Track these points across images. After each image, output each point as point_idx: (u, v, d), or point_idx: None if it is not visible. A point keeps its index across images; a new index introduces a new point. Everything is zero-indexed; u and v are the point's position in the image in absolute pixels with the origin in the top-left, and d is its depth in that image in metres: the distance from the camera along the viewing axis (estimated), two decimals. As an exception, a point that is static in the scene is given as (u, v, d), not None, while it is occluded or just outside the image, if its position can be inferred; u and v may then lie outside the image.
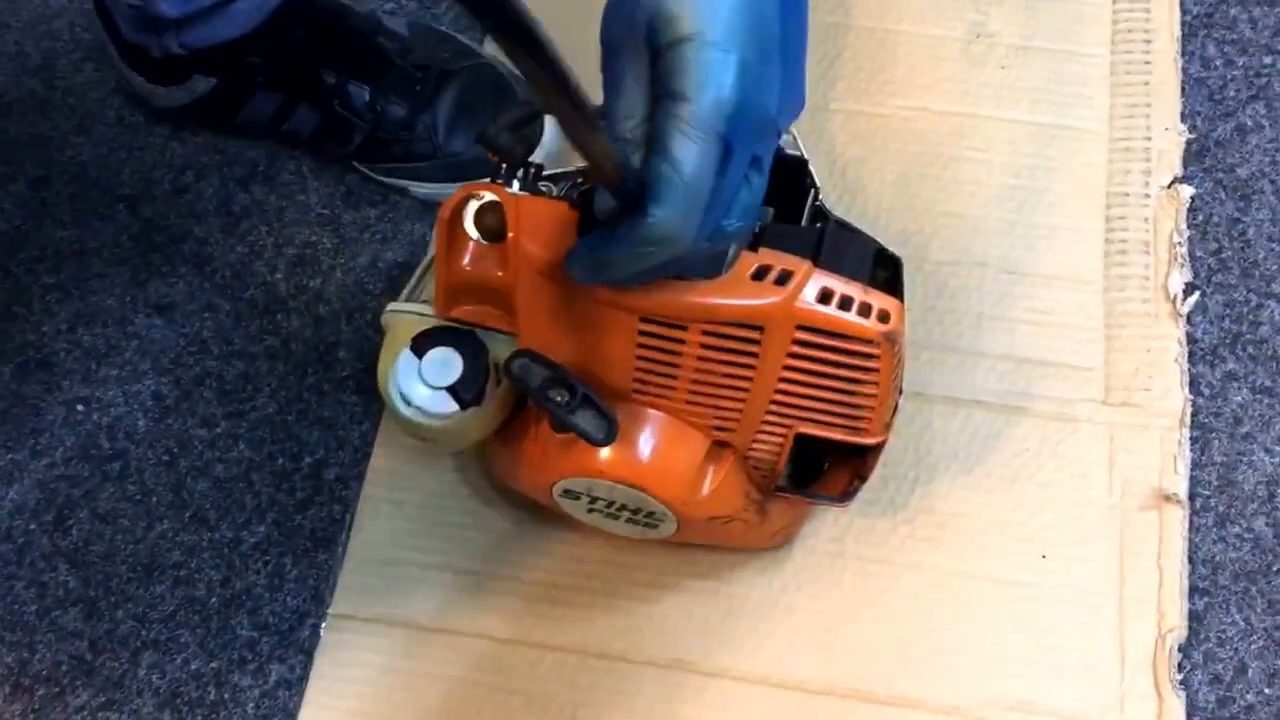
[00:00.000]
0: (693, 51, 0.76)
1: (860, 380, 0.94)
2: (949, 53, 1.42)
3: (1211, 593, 1.19)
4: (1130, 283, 1.30)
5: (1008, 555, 1.20)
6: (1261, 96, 1.40)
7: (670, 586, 1.20)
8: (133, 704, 1.19)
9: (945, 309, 1.29)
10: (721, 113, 0.76)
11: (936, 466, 1.23)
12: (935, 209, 1.34)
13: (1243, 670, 1.16)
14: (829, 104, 1.39)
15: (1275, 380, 1.27)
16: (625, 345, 0.95)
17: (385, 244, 1.36)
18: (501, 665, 1.18)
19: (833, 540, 1.21)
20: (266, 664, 1.20)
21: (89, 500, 1.26)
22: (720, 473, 1.03)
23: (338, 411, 1.28)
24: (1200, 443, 1.24)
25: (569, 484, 1.04)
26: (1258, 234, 1.33)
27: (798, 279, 0.90)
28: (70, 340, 1.33)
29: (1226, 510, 1.22)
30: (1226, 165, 1.37)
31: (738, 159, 0.79)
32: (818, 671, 1.17)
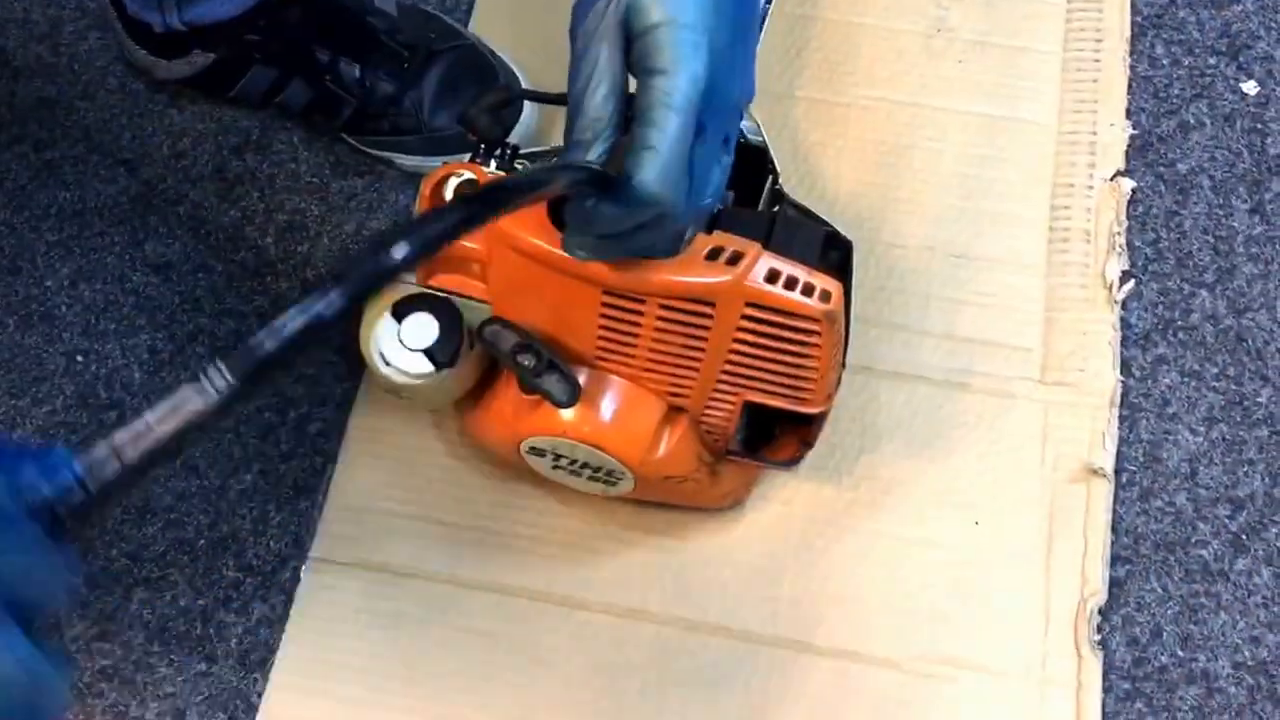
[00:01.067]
0: (668, 34, 0.82)
1: (803, 354, 1.00)
2: (910, 46, 1.46)
3: (1133, 561, 1.25)
4: (1071, 269, 1.35)
5: (944, 521, 1.25)
6: (1204, 95, 1.45)
7: (628, 541, 1.25)
8: (124, 636, 1.24)
9: (895, 289, 1.34)
10: (696, 89, 0.82)
11: (881, 437, 1.28)
12: (889, 195, 1.38)
13: (1158, 634, 1.22)
14: (794, 91, 1.44)
15: (1203, 365, 1.32)
16: (589, 316, 1.01)
17: (371, 213, 1.40)
18: (469, 608, 1.23)
19: (781, 503, 1.26)
20: (250, 603, 1.25)
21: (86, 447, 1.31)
22: (675, 435, 1.08)
23: (322, 369, 1.33)
24: (1129, 421, 1.30)
25: (535, 442, 1.09)
26: (1193, 227, 1.38)
27: (748, 260, 0.96)
28: (71, 295, 1.37)
29: (1150, 485, 1.28)
30: (1167, 160, 1.42)
31: (710, 136, 0.86)
32: (764, 623, 1.22)
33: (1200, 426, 1.30)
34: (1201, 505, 1.27)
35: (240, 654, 1.23)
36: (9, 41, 1.51)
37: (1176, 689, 1.21)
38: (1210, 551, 1.26)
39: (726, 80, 0.86)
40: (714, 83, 0.84)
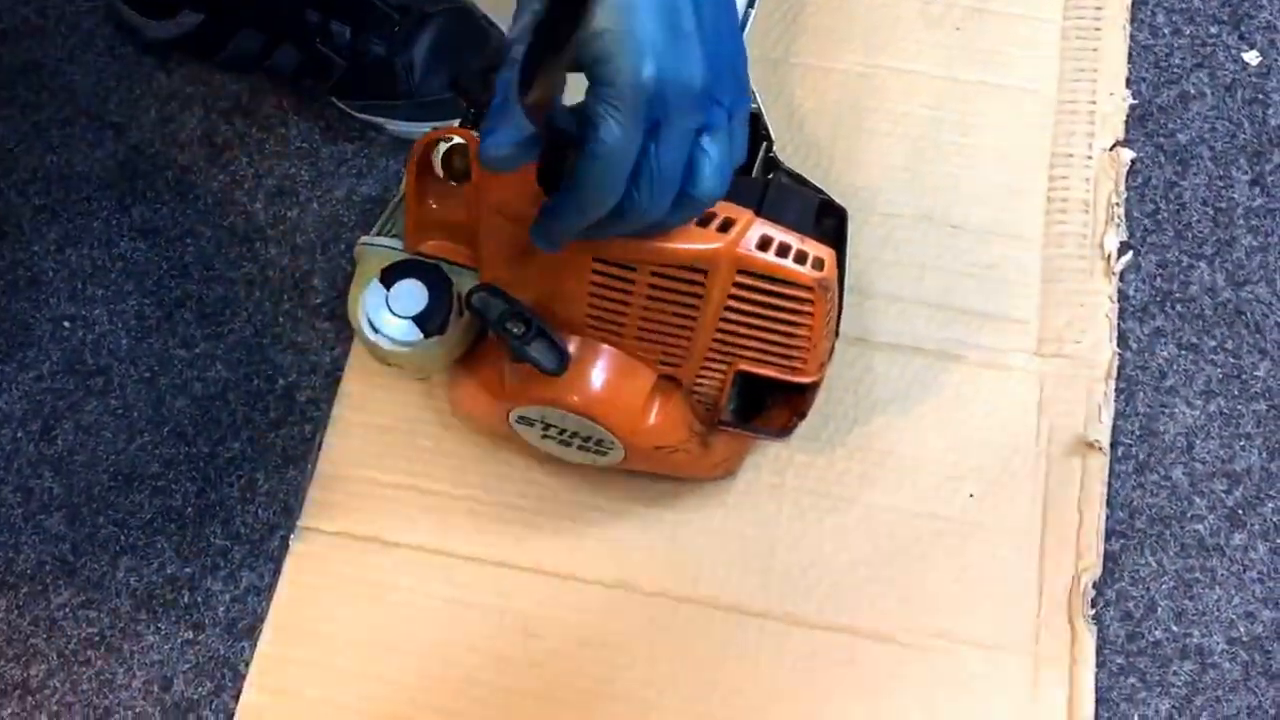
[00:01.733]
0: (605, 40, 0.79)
1: (796, 322, 0.99)
2: (907, 12, 1.45)
3: (1128, 535, 1.24)
4: (1068, 240, 1.34)
5: (938, 493, 1.24)
6: (1205, 65, 1.44)
7: (619, 512, 1.25)
8: (111, 603, 1.23)
9: (890, 259, 1.33)
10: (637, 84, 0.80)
11: (875, 408, 1.28)
12: (885, 162, 1.38)
13: (1152, 608, 1.22)
14: (790, 58, 1.43)
15: (1200, 338, 1.32)
16: (579, 283, 1.00)
17: (360, 178, 1.39)
18: (458, 579, 1.23)
19: (773, 473, 1.25)
20: (238, 571, 1.24)
21: (73, 412, 1.30)
22: (666, 405, 1.08)
23: (310, 337, 1.32)
24: (1125, 394, 1.29)
25: (524, 411, 1.09)
26: (1193, 198, 1.38)
27: (740, 226, 0.95)
28: (58, 260, 1.37)
29: (1146, 459, 1.27)
30: (1167, 130, 1.41)
31: (673, 131, 0.83)
32: (755, 595, 1.22)
33: (1197, 400, 1.29)
34: (1198, 479, 1.26)
35: (228, 622, 1.23)
36: (-3, 4, 1.50)
37: (1170, 664, 1.20)
38: (1206, 526, 1.25)
39: (678, 74, 0.82)
40: (662, 76, 0.81)
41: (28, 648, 1.22)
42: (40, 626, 1.23)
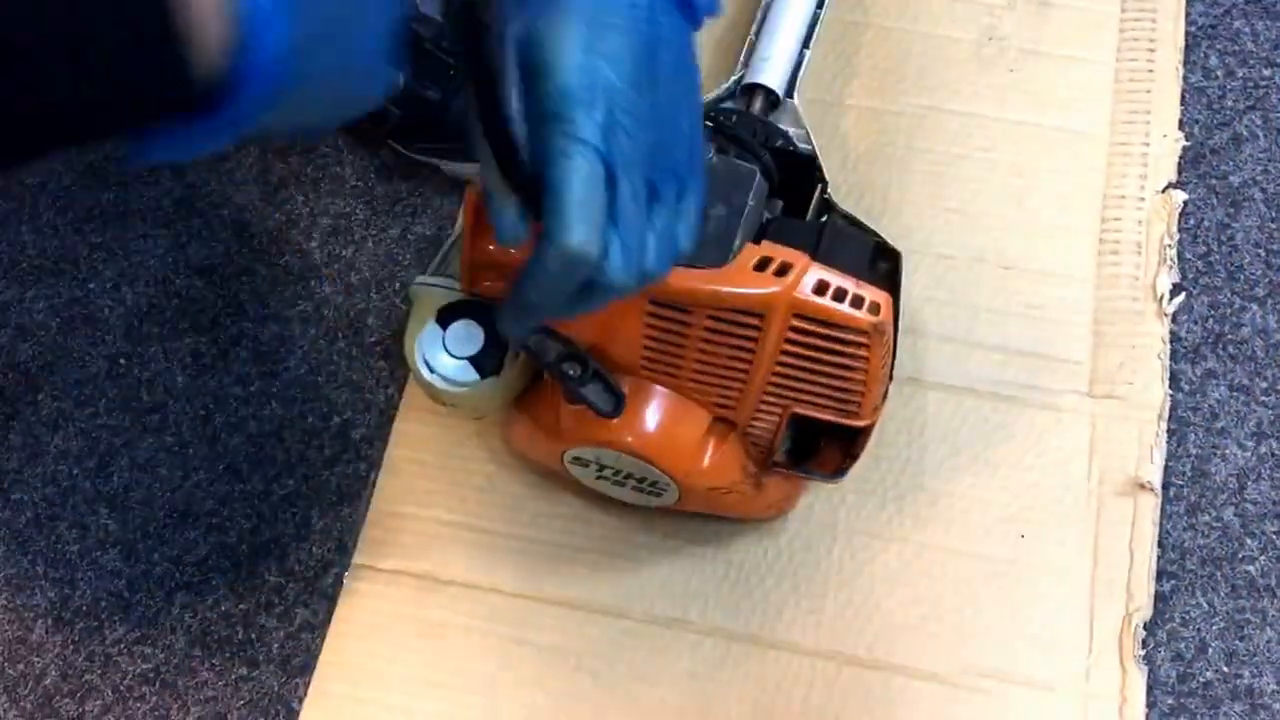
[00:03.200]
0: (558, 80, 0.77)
1: (851, 366, 1.00)
2: (961, 54, 1.46)
3: (1179, 576, 1.24)
4: (1121, 281, 1.34)
5: (989, 534, 1.24)
6: (1258, 107, 1.44)
7: (671, 550, 1.25)
8: (166, 640, 1.24)
9: (944, 300, 1.33)
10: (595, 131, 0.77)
11: (927, 449, 1.28)
12: (939, 204, 1.38)
13: (1203, 649, 1.22)
14: (844, 99, 1.43)
15: (1252, 379, 1.31)
16: (635, 325, 1.00)
17: (415, 217, 1.40)
18: (511, 617, 1.23)
19: (826, 514, 1.26)
20: (292, 608, 1.25)
21: (129, 449, 1.31)
22: (720, 447, 1.08)
23: (365, 375, 1.33)
24: (1177, 435, 1.29)
25: (579, 452, 1.09)
26: (1245, 240, 1.38)
27: (796, 271, 0.96)
28: (114, 298, 1.37)
29: (1198, 500, 1.27)
30: (1220, 173, 1.41)
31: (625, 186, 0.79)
32: (806, 634, 1.22)
33: (1249, 442, 1.29)
34: (1249, 521, 1.26)
35: (282, 659, 1.23)
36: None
37: (1221, 705, 1.20)
38: (1257, 567, 1.25)
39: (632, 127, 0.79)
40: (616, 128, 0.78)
41: (83, 684, 1.23)
42: (95, 662, 1.24)
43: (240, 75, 0.59)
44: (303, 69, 0.61)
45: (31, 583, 1.27)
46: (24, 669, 1.24)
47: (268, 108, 0.61)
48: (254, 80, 0.59)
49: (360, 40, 0.69)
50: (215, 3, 0.57)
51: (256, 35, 0.58)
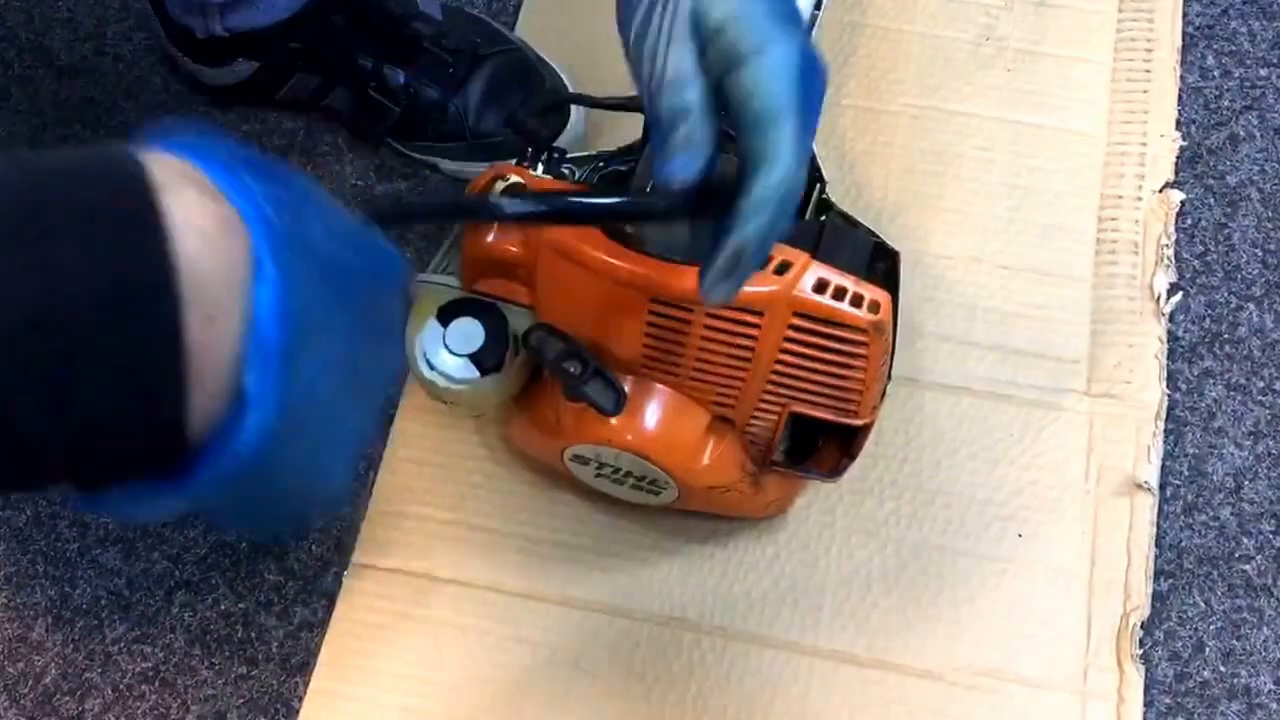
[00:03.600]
0: (749, 20, 0.80)
1: (850, 365, 1.00)
2: (958, 54, 1.46)
3: (1176, 575, 1.24)
4: (1118, 281, 1.34)
5: (987, 532, 1.25)
6: (1255, 107, 1.45)
7: (670, 549, 1.25)
8: (165, 639, 1.24)
9: (942, 300, 1.34)
10: (795, 77, 0.80)
11: (925, 448, 1.28)
12: (937, 204, 1.38)
13: (1200, 649, 1.22)
14: (841, 99, 1.43)
15: (1249, 379, 1.32)
16: (636, 323, 1.00)
17: (415, 216, 1.40)
18: (510, 616, 1.23)
19: (824, 512, 1.26)
20: (291, 607, 1.25)
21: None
22: (720, 445, 1.08)
23: (364, 374, 1.33)
24: (1174, 435, 1.29)
25: (579, 450, 1.10)
26: (1242, 239, 1.38)
27: (796, 269, 0.96)
28: (115, 296, 1.37)
29: (1195, 499, 1.27)
30: (1217, 172, 1.41)
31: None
32: (804, 633, 1.22)
33: (1245, 441, 1.29)
34: (1245, 520, 1.26)
35: (281, 658, 1.24)
36: (54, 41, 1.51)
37: (1218, 704, 1.21)
38: (1254, 566, 1.25)
39: (811, 53, 0.83)
40: (804, 66, 0.81)
41: (83, 682, 1.23)
42: (95, 661, 1.24)
43: (215, 447, 0.59)
44: (272, 458, 0.61)
45: (32, 581, 1.27)
46: (24, 667, 1.24)
47: (228, 487, 0.61)
48: (226, 455, 0.59)
49: (330, 450, 0.69)
50: (219, 375, 0.57)
51: (244, 413, 0.58)
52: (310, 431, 0.63)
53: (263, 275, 0.57)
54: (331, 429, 0.66)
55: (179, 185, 0.56)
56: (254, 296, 0.57)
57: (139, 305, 0.54)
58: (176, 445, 0.58)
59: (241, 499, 0.64)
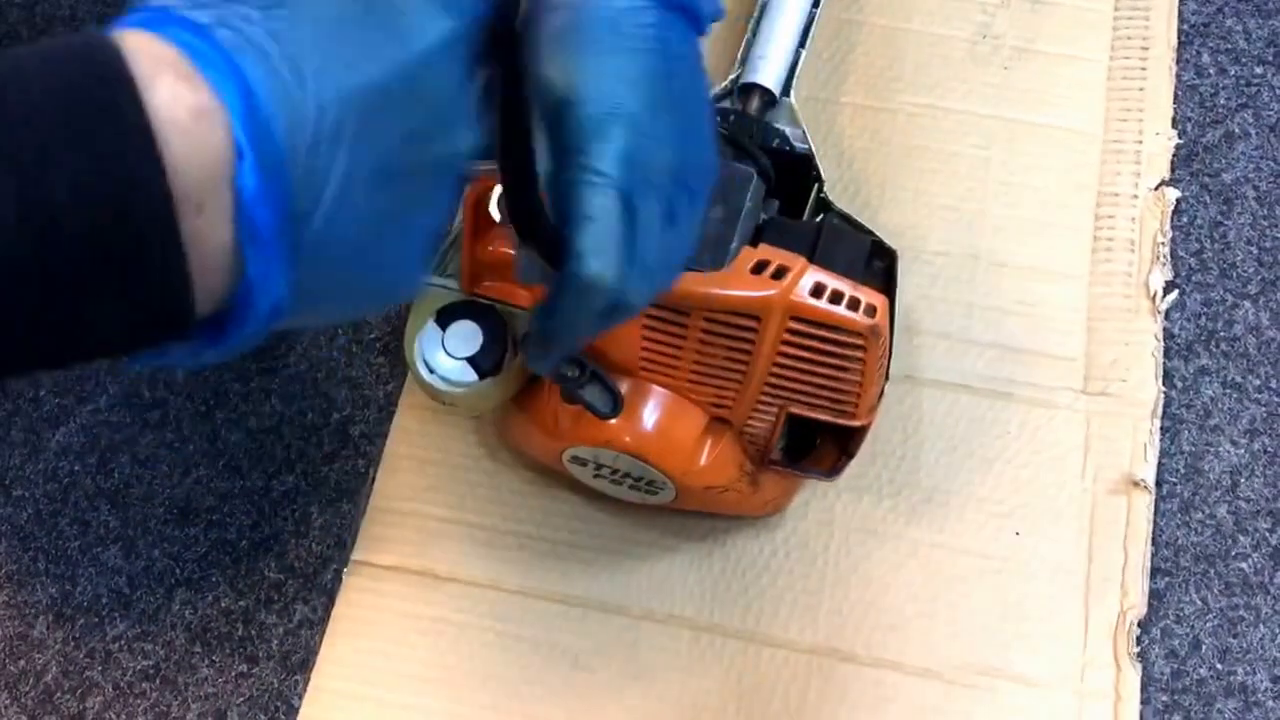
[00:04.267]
0: (576, 111, 0.75)
1: (847, 368, 1.00)
2: (955, 52, 1.46)
3: (1173, 573, 1.25)
4: (1114, 279, 1.35)
5: (984, 530, 1.25)
6: (1251, 105, 1.45)
7: (669, 548, 1.26)
8: (166, 636, 1.25)
9: (938, 297, 1.34)
10: (617, 164, 0.74)
11: (922, 446, 1.28)
12: (934, 202, 1.38)
13: (1197, 646, 1.22)
14: (839, 97, 1.44)
15: (1245, 376, 1.32)
16: (633, 328, 1.01)
17: (415, 215, 1.40)
18: (509, 613, 1.24)
19: (822, 511, 1.26)
20: (291, 604, 1.26)
21: (130, 445, 1.32)
22: (717, 446, 1.09)
23: (365, 372, 1.34)
24: (1171, 433, 1.30)
25: (577, 451, 1.10)
26: (1238, 237, 1.38)
27: (793, 274, 0.96)
28: (116, 294, 1.37)
29: (1191, 497, 1.27)
30: (1213, 170, 1.41)
31: (644, 213, 0.77)
32: (802, 631, 1.22)
33: (1242, 439, 1.30)
34: (1242, 518, 1.27)
35: (281, 655, 1.24)
36: (56, 39, 1.51)
37: (1215, 702, 1.21)
38: (1250, 564, 1.25)
39: (651, 151, 0.77)
40: (636, 156, 0.76)
41: (84, 680, 1.24)
42: (96, 659, 1.24)
43: (235, 320, 0.60)
44: (303, 304, 0.62)
45: (32, 579, 1.28)
46: (25, 665, 1.24)
47: (266, 334, 0.62)
48: (249, 325, 0.60)
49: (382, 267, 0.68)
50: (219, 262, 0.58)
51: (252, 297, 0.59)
52: (349, 261, 0.64)
53: (243, 162, 0.57)
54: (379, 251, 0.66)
55: (156, 75, 0.56)
56: (237, 184, 0.57)
57: (133, 205, 0.55)
58: (189, 326, 0.59)
59: (303, 319, 0.65)
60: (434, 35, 0.65)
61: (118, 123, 0.55)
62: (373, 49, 0.63)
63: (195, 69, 0.58)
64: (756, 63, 1.25)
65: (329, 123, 0.61)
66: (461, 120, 0.68)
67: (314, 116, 0.60)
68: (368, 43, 0.63)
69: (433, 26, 0.65)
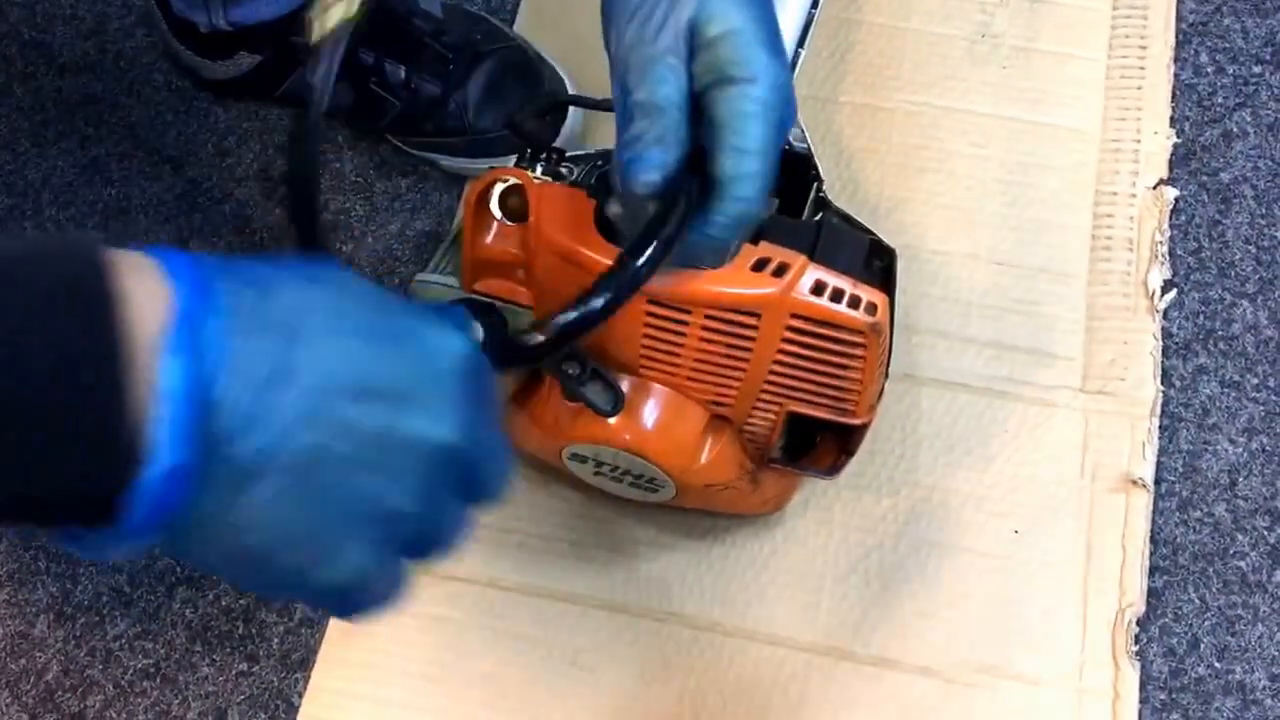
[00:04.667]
0: (743, 41, 0.83)
1: (847, 366, 1.00)
2: (954, 51, 1.47)
3: (1171, 572, 1.25)
4: (1113, 278, 1.35)
5: (983, 529, 1.25)
6: (1248, 104, 1.45)
7: (668, 545, 1.26)
8: (167, 635, 1.25)
9: (938, 296, 1.34)
10: (779, 95, 0.84)
11: (921, 444, 1.29)
12: (933, 201, 1.39)
13: (1195, 645, 1.23)
14: (838, 96, 1.44)
15: (1243, 375, 1.32)
16: (634, 325, 1.01)
17: (415, 214, 1.41)
18: (509, 611, 1.24)
19: (821, 509, 1.27)
20: (291, 603, 1.26)
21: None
22: (717, 444, 1.09)
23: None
24: (1169, 431, 1.30)
25: (577, 449, 1.10)
26: (1236, 236, 1.38)
27: (794, 272, 0.96)
28: (116, 292, 1.37)
29: (1189, 495, 1.28)
30: (1210, 169, 1.41)
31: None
32: (802, 630, 1.23)
33: (1240, 437, 1.30)
34: (1240, 516, 1.27)
35: (281, 654, 1.24)
36: (55, 38, 1.52)
37: (1213, 700, 1.21)
38: (1248, 563, 1.26)
39: (790, 87, 0.87)
40: (786, 92, 0.85)
41: (84, 678, 1.24)
42: (97, 657, 1.25)
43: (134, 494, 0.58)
44: (214, 513, 0.61)
45: (33, 578, 1.28)
46: (26, 664, 1.25)
47: (164, 532, 0.60)
48: (141, 499, 0.58)
49: (329, 528, 0.66)
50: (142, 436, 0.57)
51: (152, 462, 0.58)
52: (287, 500, 0.62)
53: (177, 344, 0.58)
54: (328, 507, 0.64)
55: (127, 268, 0.58)
56: (161, 368, 0.57)
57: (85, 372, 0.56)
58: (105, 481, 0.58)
59: (204, 549, 0.63)
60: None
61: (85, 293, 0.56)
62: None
63: (164, 271, 0.59)
64: (756, 62, 1.25)
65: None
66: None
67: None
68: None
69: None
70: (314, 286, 0.64)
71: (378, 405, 0.63)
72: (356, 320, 0.65)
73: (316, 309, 0.63)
